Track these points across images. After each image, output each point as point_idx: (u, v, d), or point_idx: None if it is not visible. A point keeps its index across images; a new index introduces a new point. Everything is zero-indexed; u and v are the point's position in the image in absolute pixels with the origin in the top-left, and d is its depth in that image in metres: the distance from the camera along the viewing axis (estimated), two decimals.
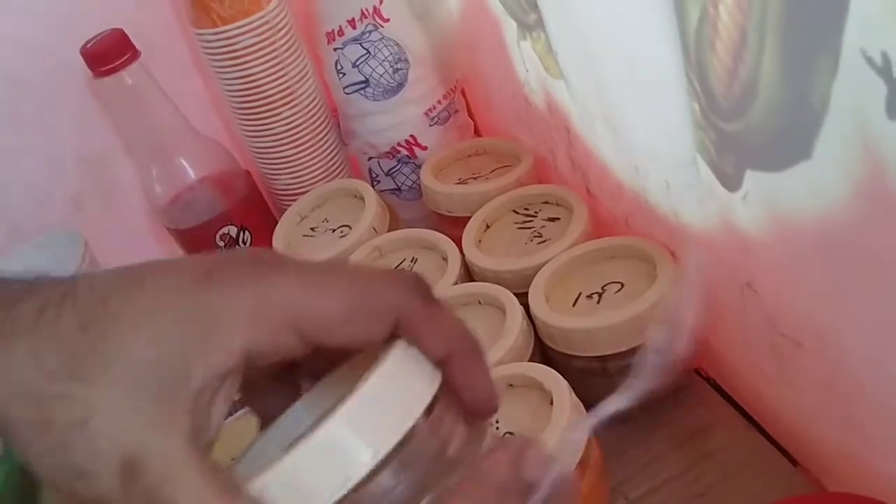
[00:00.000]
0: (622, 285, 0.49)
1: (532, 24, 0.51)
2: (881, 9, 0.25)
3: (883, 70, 0.26)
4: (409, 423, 0.25)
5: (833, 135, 0.30)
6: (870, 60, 0.26)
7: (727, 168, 0.38)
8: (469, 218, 0.58)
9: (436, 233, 0.59)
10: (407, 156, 0.67)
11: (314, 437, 0.24)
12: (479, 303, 0.52)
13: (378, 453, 0.25)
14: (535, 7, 0.49)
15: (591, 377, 0.48)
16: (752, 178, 0.36)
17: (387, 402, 0.25)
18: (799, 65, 0.29)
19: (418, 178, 0.65)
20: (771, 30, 0.30)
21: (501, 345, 0.47)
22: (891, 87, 0.25)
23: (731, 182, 0.38)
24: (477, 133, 0.73)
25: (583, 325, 0.47)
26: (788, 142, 0.32)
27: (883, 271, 0.31)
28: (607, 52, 0.44)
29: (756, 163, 0.35)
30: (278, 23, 0.62)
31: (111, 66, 0.60)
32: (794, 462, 0.46)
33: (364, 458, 0.24)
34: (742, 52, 0.32)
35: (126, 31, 0.62)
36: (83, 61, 0.61)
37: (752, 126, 0.34)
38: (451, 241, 0.57)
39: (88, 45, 0.60)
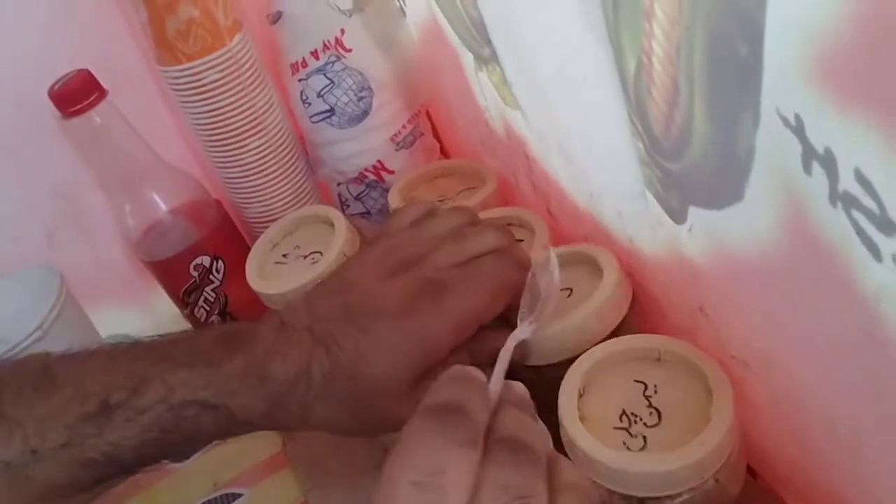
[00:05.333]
0: (571, 291, 0.50)
1: (487, 57, 0.53)
2: (792, 71, 0.26)
3: (797, 129, 0.27)
4: None
5: (760, 181, 0.31)
6: (785, 120, 0.27)
7: (673, 203, 0.40)
8: None
9: None
10: (375, 180, 0.69)
11: None
12: None
13: None
14: (490, 42, 0.50)
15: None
16: (695, 214, 0.38)
17: None
18: (724, 117, 0.31)
19: (387, 201, 0.67)
20: (698, 83, 0.31)
21: None
22: (805, 145, 0.27)
23: (677, 215, 0.40)
24: (444, 152, 0.74)
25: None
26: (722, 185, 0.34)
27: (811, 302, 0.33)
28: (556, 89, 0.45)
29: (697, 200, 0.37)
30: (242, 57, 0.63)
31: (79, 107, 0.60)
32: (753, 474, 0.47)
33: None
34: (676, 99, 0.34)
35: (92, 67, 0.62)
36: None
37: (690, 167, 0.36)
38: None
39: (55, 88, 0.60)
